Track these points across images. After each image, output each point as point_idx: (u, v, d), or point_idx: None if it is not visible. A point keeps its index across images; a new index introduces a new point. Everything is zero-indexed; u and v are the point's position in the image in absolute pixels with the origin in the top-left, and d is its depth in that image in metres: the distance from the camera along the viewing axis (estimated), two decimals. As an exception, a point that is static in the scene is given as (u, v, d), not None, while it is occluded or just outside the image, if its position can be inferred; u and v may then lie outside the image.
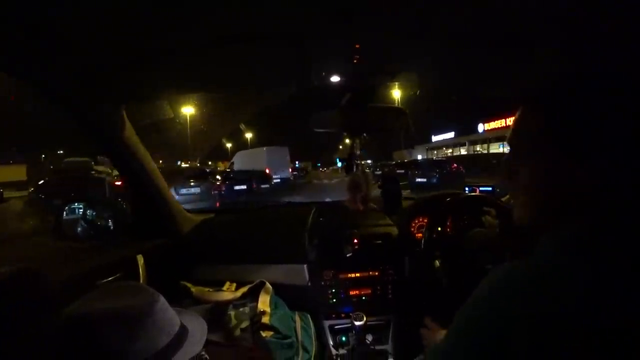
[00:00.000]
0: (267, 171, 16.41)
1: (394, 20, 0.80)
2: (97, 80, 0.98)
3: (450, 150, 37.29)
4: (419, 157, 34.45)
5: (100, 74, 0.94)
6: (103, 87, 1.02)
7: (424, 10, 0.75)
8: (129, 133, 1.23)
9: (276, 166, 17.66)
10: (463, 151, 32.91)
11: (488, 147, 27.46)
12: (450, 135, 37.36)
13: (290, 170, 19.70)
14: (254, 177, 14.01)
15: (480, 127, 29.66)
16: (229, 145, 46.44)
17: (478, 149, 30.04)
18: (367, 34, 0.87)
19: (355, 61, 1.00)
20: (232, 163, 20.12)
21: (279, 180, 17.13)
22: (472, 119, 30.52)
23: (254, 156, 18.96)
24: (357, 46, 0.93)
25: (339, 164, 40.80)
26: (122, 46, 0.84)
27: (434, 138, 40.99)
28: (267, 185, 14.61)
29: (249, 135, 46.77)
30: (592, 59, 0.86)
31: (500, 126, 25.62)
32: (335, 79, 1.11)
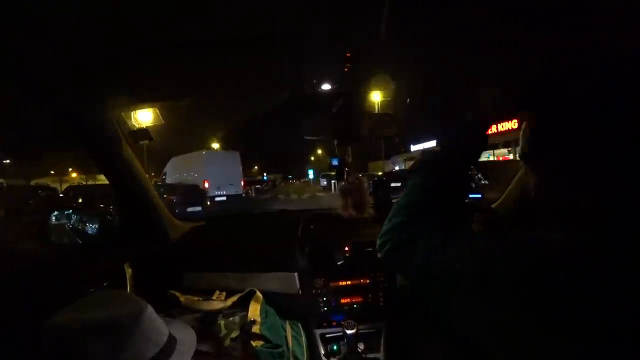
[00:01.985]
0: (207, 185, 11.75)
1: (387, 25, 0.81)
2: (87, 83, 0.97)
3: None
4: (397, 168, 32.44)
5: (91, 76, 0.94)
6: (93, 90, 1.02)
7: (417, 13, 0.76)
8: (118, 138, 1.21)
9: (220, 178, 12.52)
10: None
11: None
12: (433, 143, 35.17)
13: (242, 183, 13.95)
14: (175, 195, 9.68)
15: (469, 134, 28.34)
16: None
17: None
18: (358, 41, 0.88)
19: (346, 69, 1.00)
20: (165, 174, 14.20)
21: (223, 198, 12.23)
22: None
23: (190, 163, 13.06)
24: (348, 55, 0.94)
25: (311, 176, 39.09)
26: (113, 44, 0.83)
27: (413, 147, 37.30)
28: (197, 208, 9.83)
29: (215, 146, 43.43)
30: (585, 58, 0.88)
31: (491, 132, 24.40)
32: (326, 86, 1.12)
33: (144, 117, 1.37)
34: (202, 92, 1.28)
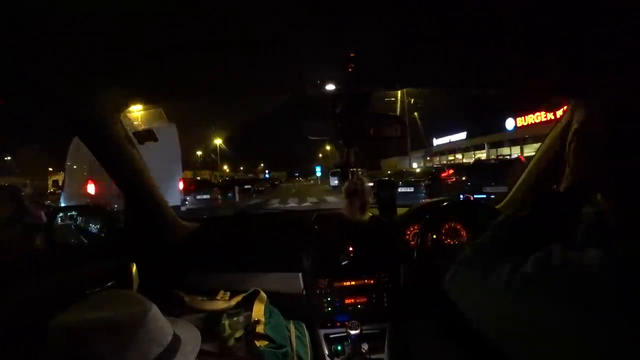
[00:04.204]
0: (91, 190, 6.04)
1: (389, 25, 0.81)
2: (91, 83, 0.97)
3: (460, 156, 28.93)
4: (415, 165, 27.35)
5: (95, 75, 0.94)
6: (98, 90, 1.02)
7: (420, 13, 0.76)
8: (123, 138, 1.22)
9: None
10: (481, 156, 23.87)
11: (522, 149, 20.20)
12: (461, 136, 29.51)
13: (180, 185, 8.14)
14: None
15: (510, 124, 21.67)
16: (199, 152, 41.88)
17: (505, 152, 21.76)
18: (363, 41, 0.87)
19: (350, 69, 1.00)
20: (68, 167, 6.48)
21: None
22: (495, 115, 22.63)
23: (81, 148, 2.19)
24: (352, 55, 0.93)
25: (319, 173, 35.52)
26: (118, 45, 0.83)
27: (436, 141, 33.20)
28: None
29: (218, 141, 42.63)
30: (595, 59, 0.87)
31: (540, 121, 19.12)
32: (330, 87, 1.12)
33: (148, 117, 1.37)
34: (206, 93, 1.28)
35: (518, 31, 0.82)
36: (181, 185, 7.97)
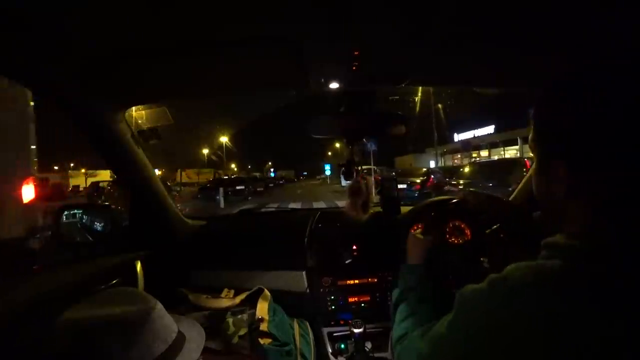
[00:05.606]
0: None
1: (394, 23, 0.80)
2: (95, 81, 0.98)
3: (485, 153, 26.97)
4: (432, 164, 26.55)
5: (99, 74, 0.94)
6: (102, 89, 1.02)
7: (425, 11, 0.75)
8: (128, 137, 1.23)
9: None
10: (511, 153, 22.64)
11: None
12: (488, 130, 26.97)
13: (27, 191, 3.94)
14: None
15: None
16: (205, 151, 43.61)
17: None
18: (367, 39, 0.87)
19: (354, 68, 1.00)
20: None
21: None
22: (531, 104, 21.08)
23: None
24: (356, 53, 0.93)
25: (328, 172, 34.17)
26: (122, 43, 0.83)
27: (457, 136, 30.43)
28: None
29: (224, 139, 43.71)
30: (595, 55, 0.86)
31: None
32: (334, 85, 1.11)
33: (153, 116, 1.38)
34: (210, 91, 1.28)
35: (527, 28, 0.81)
36: (29, 191, 4.15)
